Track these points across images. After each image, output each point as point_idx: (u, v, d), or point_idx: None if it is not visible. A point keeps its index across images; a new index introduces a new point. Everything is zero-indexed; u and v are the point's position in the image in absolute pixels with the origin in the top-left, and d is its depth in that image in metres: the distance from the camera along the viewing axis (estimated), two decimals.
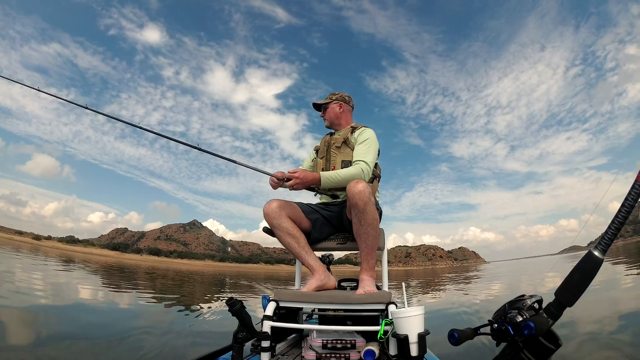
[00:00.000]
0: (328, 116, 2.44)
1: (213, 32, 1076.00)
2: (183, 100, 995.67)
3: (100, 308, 6.02)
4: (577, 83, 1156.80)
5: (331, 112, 2.43)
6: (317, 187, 2.06)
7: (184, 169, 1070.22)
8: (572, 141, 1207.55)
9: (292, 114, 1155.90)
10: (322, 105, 2.48)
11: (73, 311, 5.34)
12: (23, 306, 5.11)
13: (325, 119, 2.46)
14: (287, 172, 2.02)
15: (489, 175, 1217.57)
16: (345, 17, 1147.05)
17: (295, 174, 1.99)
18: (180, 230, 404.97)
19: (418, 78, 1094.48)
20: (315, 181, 2.01)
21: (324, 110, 2.47)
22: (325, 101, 2.47)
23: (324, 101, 2.48)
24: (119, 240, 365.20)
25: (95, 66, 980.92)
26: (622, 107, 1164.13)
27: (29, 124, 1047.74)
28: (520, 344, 1.01)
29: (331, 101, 2.45)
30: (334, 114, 2.42)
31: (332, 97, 2.46)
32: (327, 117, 2.44)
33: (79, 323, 4.49)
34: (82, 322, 4.54)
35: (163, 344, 3.64)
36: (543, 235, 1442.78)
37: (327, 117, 2.45)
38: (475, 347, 2.86)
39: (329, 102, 2.45)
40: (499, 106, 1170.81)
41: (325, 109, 2.46)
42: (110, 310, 5.91)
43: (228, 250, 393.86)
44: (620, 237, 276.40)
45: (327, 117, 2.44)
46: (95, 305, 6.30)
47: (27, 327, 4.05)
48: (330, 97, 2.46)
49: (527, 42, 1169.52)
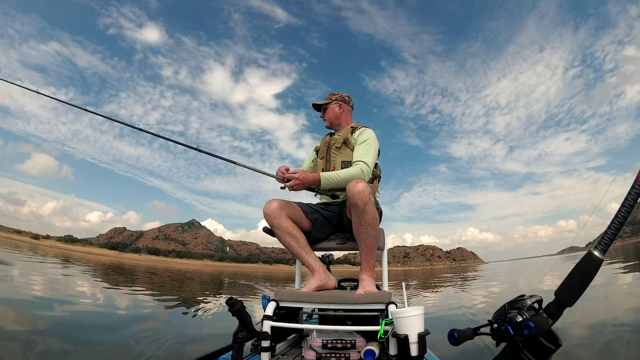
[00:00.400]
0: (328, 116, 2.43)
1: (212, 31, 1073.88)
2: (182, 99, 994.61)
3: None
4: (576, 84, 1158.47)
5: (331, 113, 2.42)
6: (317, 187, 2.06)
7: (182, 169, 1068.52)
8: (571, 142, 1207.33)
9: (291, 114, 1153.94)
10: (322, 105, 2.47)
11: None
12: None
13: (325, 120, 2.45)
14: (287, 173, 2.02)
15: (488, 176, 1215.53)
16: (344, 18, 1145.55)
17: (295, 175, 1.99)
18: (178, 229, 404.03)
19: (417, 78, 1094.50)
20: (315, 182, 2.01)
21: (324, 111, 2.46)
22: (325, 101, 2.46)
23: (324, 102, 2.47)
24: (117, 240, 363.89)
25: (94, 65, 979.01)
26: (621, 108, 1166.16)
27: (27, 123, 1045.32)
28: (520, 344, 1.00)
29: (331, 101, 2.44)
30: (334, 115, 2.41)
31: (332, 97, 2.45)
32: (327, 118, 2.44)
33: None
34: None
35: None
36: (541, 235, 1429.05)
37: (326, 118, 2.44)
38: (476, 347, 2.86)
39: (329, 102, 2.44)
40: (497, 107, 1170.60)
41: (325, 110, 2.46)
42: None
43: (227, 250, 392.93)
44: (619, 238, 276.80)
45: (327, 118, 2.44)
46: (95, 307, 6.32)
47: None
48: (330, 97, 2.46)
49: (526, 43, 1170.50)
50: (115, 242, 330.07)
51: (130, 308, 6.45)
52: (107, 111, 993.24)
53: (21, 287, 6.94)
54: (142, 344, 3.65)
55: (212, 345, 1.96)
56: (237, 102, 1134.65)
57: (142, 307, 6.61)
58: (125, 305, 6.68)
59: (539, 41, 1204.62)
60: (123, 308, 6.34)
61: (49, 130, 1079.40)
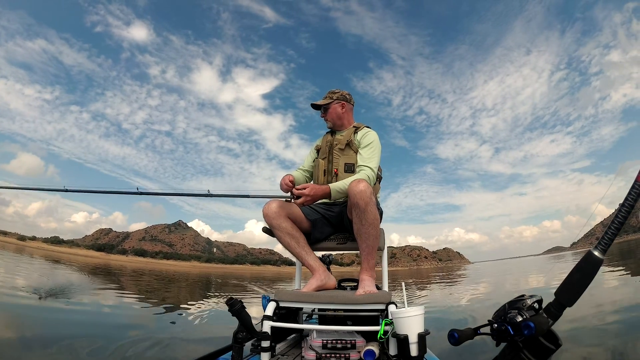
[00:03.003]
0: (330, 117, 2.32)
1: (201, 30, 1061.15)
2: (169, 99, 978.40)
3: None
4: (562, 87, 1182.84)
5: (333, 113, 2.31)
6: (326, 199, 1.99)
7: (169, 169, 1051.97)
8: (556, 144, 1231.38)
9: (279, 114, 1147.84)
10: (323, 105, 2.34)
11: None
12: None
13: (327, 120, 2.34)
14: (295, 188, 1.94)
15: (474, 177, 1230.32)
16: (333, 18, 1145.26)
17: (305, 192, 1.90)
18: (165, 230, 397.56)
19: (404, 80, 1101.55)
20: (326, 195, 1.95)
21: (325, 111, 2.34)
22: (326, 101, 2.32)
23: (325, 101, 2.33)
24: (103, 241, 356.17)
25: (81, 63, 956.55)
26: (606, 110, 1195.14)
27: (12, 122, 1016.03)
28: (520, 344, 1.00)
29: (332, 101, 2.31)
30: (336, 115, 2.31)
31: (333, 96, 2.32)
32: (330, 119, 2.32)
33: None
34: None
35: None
36: (527, 236, 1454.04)
37: (329, 119, 2.32)
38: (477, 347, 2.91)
39: (330, 102, 2.32)
40: (484, 109, 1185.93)
41: (326, 110, 2.33)
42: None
43: (214, 251, 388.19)
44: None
45: (330, 119, 2.32)
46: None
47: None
48: (330, 96, 2.33)
49: (513, 46, 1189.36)
50: (102, 244, 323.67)
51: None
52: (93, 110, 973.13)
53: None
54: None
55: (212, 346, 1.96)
56: (224, 102, 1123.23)
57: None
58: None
59: (525, 44, 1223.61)
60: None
61: (34, 129, 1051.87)
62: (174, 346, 3.84)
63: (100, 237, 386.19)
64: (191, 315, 6.10)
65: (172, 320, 5.75)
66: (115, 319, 5.43)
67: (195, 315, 6.08)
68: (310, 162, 2.41)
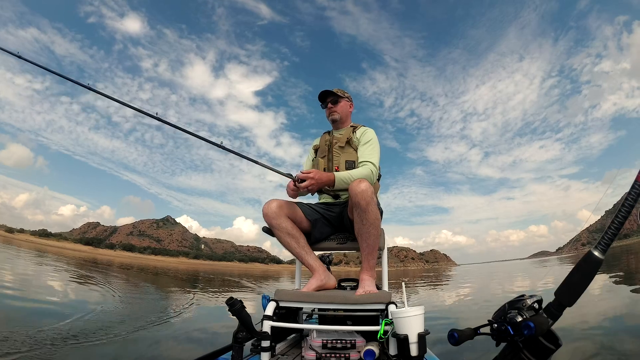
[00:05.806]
0: (340, 110, 2.32)
1: (195, 25, 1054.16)
2: (160, 92, 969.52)
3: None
4: (553, 94, 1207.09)
5: (344, 108, 2.33)
6: (329, 187, 1.97)
7: (158, 163, 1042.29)
8: (545, 150, 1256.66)
9: (271, 111, 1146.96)
10: (336, 96, 2.32)
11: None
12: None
13: (335, 112, 2.31)
14: (300, 172, 1.94)
15: (463, 180, 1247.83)
16: (328, 18, 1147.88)
17: (310, 175, 1.89)
18: (153, 226, 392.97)
19: (397, 82, 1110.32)
20: (330, 182, 1.94)
21: (336, 103, 2.32)
22: (339, 93, 2.32)
23: (340, 92, 2.33)
24: (90, 235, 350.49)
25: (73, 54, 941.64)
26: (596, 119, 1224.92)
27: (1, 111, 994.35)
28: (520, 344, 1.00)
29: (344, 96, 2.34)
30: (345, 112, 2.34)
31: (344, 93, 2.34)
32: (339, 111, 2.31)
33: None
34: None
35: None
36: (513, 240, 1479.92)
37: (338, 111, 2.31)
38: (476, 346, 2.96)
39: (342, 96, 2.33)
40: (475, 113, 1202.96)
41: (336, 102, 2.32)
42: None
43: (202, 247, 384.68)
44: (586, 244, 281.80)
45: (339, 111, 2.31)
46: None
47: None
48: (343, 92, 2.34)
49: (506, 51, 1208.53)
50: (90, 238, 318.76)
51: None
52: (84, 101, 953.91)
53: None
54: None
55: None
56: (216, 98, 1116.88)
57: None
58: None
59: (518, 51, 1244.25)
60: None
61: (23, 119, 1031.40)
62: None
63: (87, 230, 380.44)
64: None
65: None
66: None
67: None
68: (309, 162, 2.42)
